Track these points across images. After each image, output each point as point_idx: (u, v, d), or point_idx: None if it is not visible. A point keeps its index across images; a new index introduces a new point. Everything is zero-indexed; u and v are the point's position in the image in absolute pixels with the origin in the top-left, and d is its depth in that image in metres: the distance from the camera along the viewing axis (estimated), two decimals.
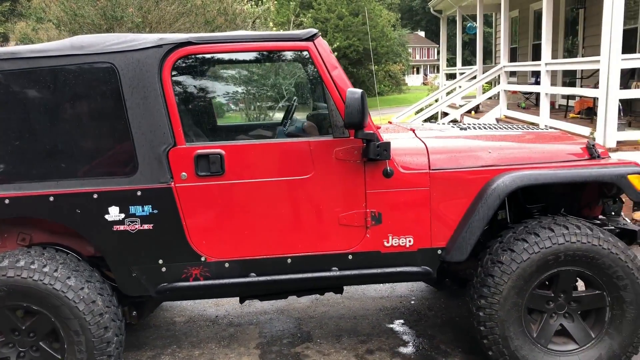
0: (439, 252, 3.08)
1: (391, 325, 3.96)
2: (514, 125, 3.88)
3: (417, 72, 63.31)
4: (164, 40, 2.90)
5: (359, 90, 2.74)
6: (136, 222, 2.93)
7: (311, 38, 2.95)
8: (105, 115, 2.92)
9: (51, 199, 2.87)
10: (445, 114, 13.05)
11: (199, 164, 2.90)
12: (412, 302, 4.37)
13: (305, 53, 2.97)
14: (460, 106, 12.09)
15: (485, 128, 3.58)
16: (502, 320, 2.96)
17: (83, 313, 2.79)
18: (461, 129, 3.47)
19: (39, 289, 2.76)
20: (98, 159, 2.93)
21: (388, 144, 2.91)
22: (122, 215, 2.92)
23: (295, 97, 3.94)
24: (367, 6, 35.97)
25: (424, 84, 49.80)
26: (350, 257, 3.04)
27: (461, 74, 13.65)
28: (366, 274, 3.07)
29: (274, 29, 19.76)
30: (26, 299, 2.78)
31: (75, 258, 2.98)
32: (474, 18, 13.93)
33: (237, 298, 3.55)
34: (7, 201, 2.86)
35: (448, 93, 13.30)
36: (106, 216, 2.91)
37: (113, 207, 2.91)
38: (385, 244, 3.05)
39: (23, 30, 17.56)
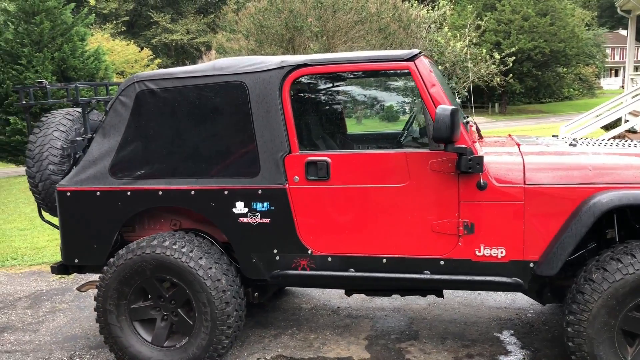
0: (531, 265, 3.14)
1: (499, 335, 4.04)
2: None
3: (616, 75, 57.70)
4: (285, 62, 3.37)
5: (450, 107, 2.94)
6: (257, 216, 3.44)
7: (412, 58, 3.21)
8: (237, 125, 3.47)
9: (192, 192, 3.50)
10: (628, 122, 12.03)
11: (309, 169, 3.33)
12: (529, 315, 4.37)
13: (406, 72, 3.25)
14: None
15: (599, 145, 3.51)
16: (591, 338, 2.95)
17: (209, 288, 3.38)
18: (570, 144, 3.45)
19: (177, 265, 3.40)
20: (229, 161, 3.49)
21: (481, 157, 3.06)
22: (246, 210, 3.45)
23: (414, 110, 4.19)
24: (557, 5, 33.93)
25: (623, 87, 45.31)
26: (442, 262, 3.24)
27: None
28: (457, 280, 3.24)
29: (449, 33, 19.72)
30: (168, 272, 3.44)
31: (209, 242, 3.58)
32: None
33: (370, 295, 3.89)
34: (160, 193, 3.55)
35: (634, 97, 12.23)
36: (233, 209, 3.46)
37: (239, 202, 3.45)
38: (477, 253, 3.20)
39: (219, 41, 19.71)
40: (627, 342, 3.02)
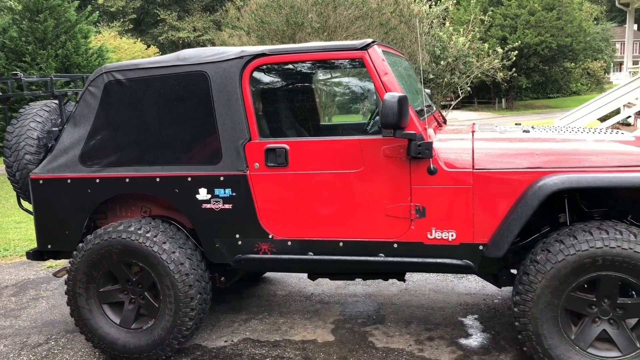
0: (481, 247, 3.23)
1: (462, 319, 4.12)
2: (599, 130, 3.77)
3: None
4: (244, 52, 3.48)
5: (398, 94, 3.03)
6: (219, 202, 3.55)
7: (365, 47, 3.30)
8: (199, 114, 3.57)
9: (157, 179, 3.62)
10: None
11: (268, 156, 3.43)
12: (495, 300, 4.45)
13: (360, 61, 3.34)
14: None
15: (553, 132, 3.58)
16: (536, 317, 3.04)
17: (173, 272, 3.49)
18: (524, 131, 3.53)
19: (142, 249, 3.51)
20: (192, 149, 3.60)
21: (430, 143, 3.15)
22: (209, 196, 3.56)
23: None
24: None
25: None
26: (395, 245, 3.34)
27: None
28: (409, 262, 3.34)
29: (451, 28, 19.70)
30: (134, 256, 3.56)
31: (174, 228, 3.69)
32: None
33: (333, 279, 4.00)
34: (127, 180, 3.67)
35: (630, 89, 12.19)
36: (197, 196, 3.58)
37: (202, 188, 3.56)
38: (429, 236, 3.29)
39: (222, 37, 19.85)
40: (573, 322, 3.10)
